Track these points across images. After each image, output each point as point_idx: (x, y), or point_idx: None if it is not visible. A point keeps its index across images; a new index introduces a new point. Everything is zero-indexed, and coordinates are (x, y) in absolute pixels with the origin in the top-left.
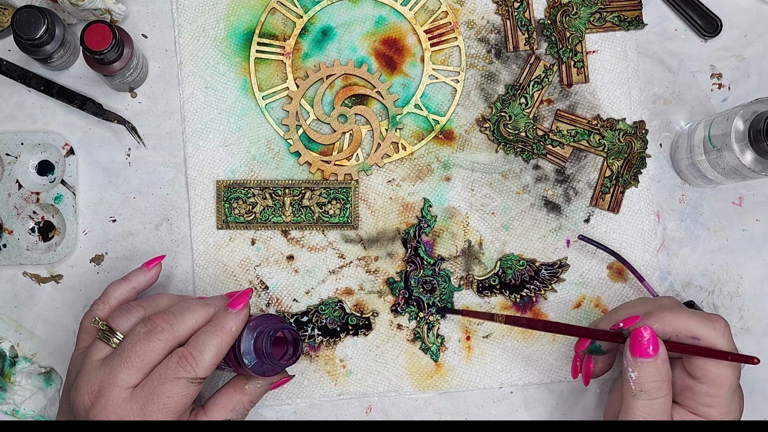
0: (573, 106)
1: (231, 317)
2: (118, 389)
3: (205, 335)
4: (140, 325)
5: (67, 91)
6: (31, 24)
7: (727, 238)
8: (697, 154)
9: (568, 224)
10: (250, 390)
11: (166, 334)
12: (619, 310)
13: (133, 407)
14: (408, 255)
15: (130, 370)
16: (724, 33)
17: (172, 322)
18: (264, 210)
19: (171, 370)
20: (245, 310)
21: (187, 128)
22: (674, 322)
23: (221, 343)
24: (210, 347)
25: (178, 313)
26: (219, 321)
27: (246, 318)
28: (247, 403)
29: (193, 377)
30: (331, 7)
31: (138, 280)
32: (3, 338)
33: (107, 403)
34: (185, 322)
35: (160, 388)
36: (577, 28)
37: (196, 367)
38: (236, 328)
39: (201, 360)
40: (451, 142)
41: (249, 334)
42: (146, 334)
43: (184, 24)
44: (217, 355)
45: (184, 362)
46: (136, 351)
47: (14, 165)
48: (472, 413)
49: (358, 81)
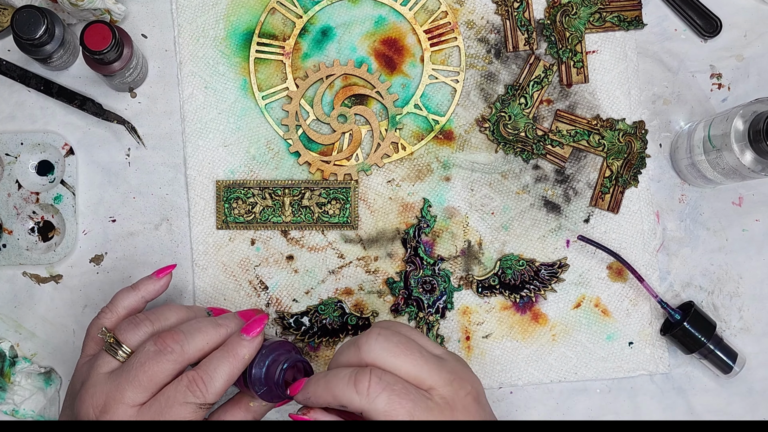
0: (573, 106)
1: (245, 344)
2: (124, 407)
3: (217, 360)
4: (150, 343)
5: (67, 91)
6: (31, 24)
7: (726, 238)
8: (697, 154)
9: (568, 224)
10: (254, 408)
11: (175, 356)
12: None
13: None
14: (408, 255)
15: (138, 389)
16: (724, 33)
17: (182, 343)
18: (264, 210)
19: (180, 394)
20: (260, 337)
21: (186, 128)
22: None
23: (233, 370)
24: (221, 374)
25: (188, 333)
26: (232, 347)
27: (260, 345)
28: (250, 419)
29: (202, 403)
30: (331, 7)
31: (147, 290)
32: (3, 338)
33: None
34: (196, 344)
35: (168, 411)
36: (577, 28)
37: (206, 393)
38: (249, 356)
39: (211, 386)
40: (451, 142)
41: (261, 361)
42: (155, 354)
43: (184, 24)
44: (228, 382)
45: (194, 387)
46: (144, 371)
47: (14, 165)
48: None
49: (358, 81)
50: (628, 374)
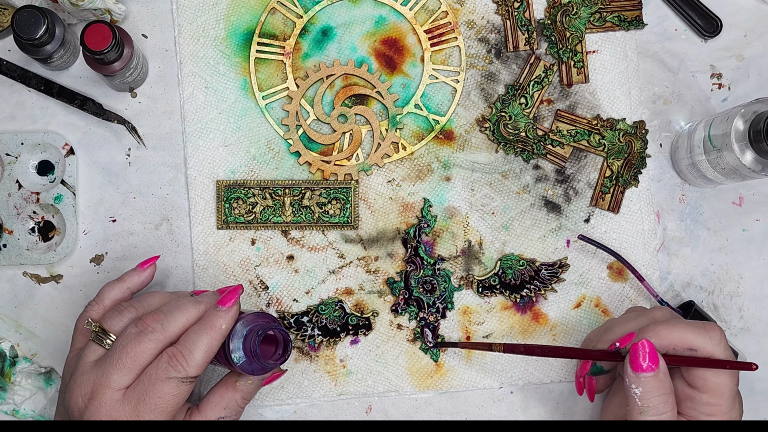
0: (573, 106)
1: (221, 315)
2: (111, 391)
3: (195, 334)
4: (131, 326)
5: (67, 91)
6: (31, 24)
7: (727, 238)
8: (697, 154)
9: (568, 224)
10: (241, 387)
11: (157, 334)
12: (612, 328)
13: (126, 408)
14: (408, 255)
15: (122, 372)
16: (724, 33)
17: (162, 322)
18: (264, 210)
19: (161, 371)
20: (235, 307)
21: (187, 128)
22: (670, 336)
23: (211, 341)
24: (200, 346)
25: (168, 312)
26: (209, 319)
27: (236, 315)
28: (240, 400)
29: (183, 377)
30: (331, 7)
31: (132, 281)
32: (3, 338)
33: (100, 404)
34: (176, 321)
35: (152, 389)
36: (577, 28)
37: (186, 366)
38: (226, 326)
39: (191, 359)
40: (451, 142)
41: (239, 333)
42: (137, 335)
43: (184, 24)
44: (208, 353)
45: (174, 362)
46: (127, 352)
47: (14, 165)
48: (472, 413)
49: (358, 81)
50: None
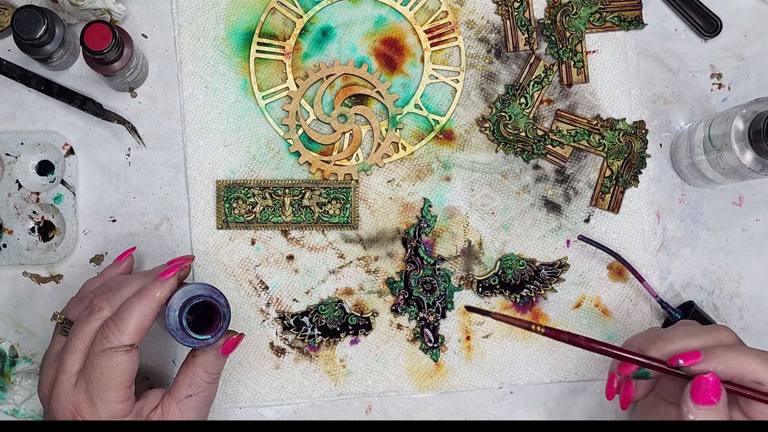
0: (573, 106)
1: (157, 284)
2: (67, 376)
3: (129, 302)
4: (83, 309)
5: (67, 91)
6: (31, 24)
7: (727, 238)
8: (697, 154)
9: (568, 224)
10: (200, 360)
11: (104, 312)
12: (673, 338)
13: (80, 391)
14: (408, 255)
15: (75, 355)
16: (724, 33)
17: (110, 300)
18: (264, 210)
19: (97, 344)
20: (173, 278)
21: (187, 128)
22: (739, 366)
23: (144, 308)
24: (132, 312)
25: (115, 289)
26: (145, 288)
27: (173, 285)
28: (202, 374)
29: (116, 345)
30: (331, 7)
31: (110, 275)
32: (3, 338)
33: (59, 391)
34: (122, 297)
35: (92, 366)
36: (577, 28)
37: (118, 335)
38: (161, 294)
39: (122, 326)
40: (451, 142)
41: (175, 304)
42: (86, 317)
43: (184, 24)
44: (140, 321)
45: (107, 332)
46: (76, 335)
47: (14, 165)
48: (472, 413)
49: (358, 81)
50: None
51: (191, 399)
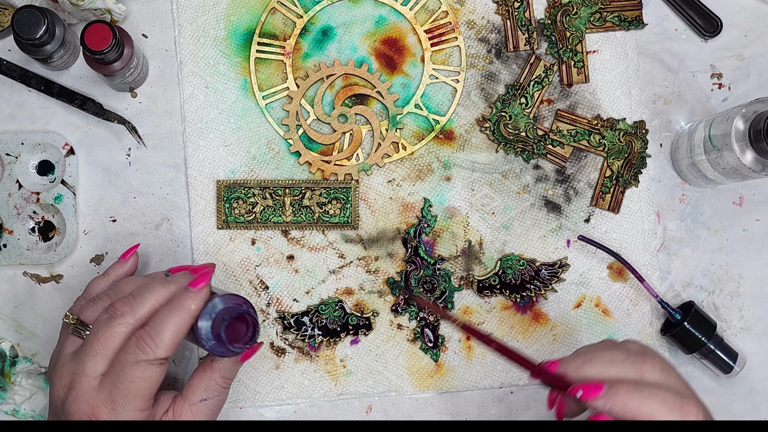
0: (573, 106)
1: (190, 296)
2: (87, 378)
3: (163, 315)
4: (103, 313)
5: (67, 91)
6: (31, 24)
7: (727, 238)
8: (698, 154)
9: (569, 224)
10: (218, 366)
11: (126, 318)
12: (594, 360)
13: (102, 395)
14: (408, 255)
15: (96, 358)
16: (724, 33)
17: (132, 305)
18: (264, 210)
19: (130, 354)
20: (206, 288)
21: (187, 128)
22: (636, 410)
23: (180, 321)
24: (168, 327)
25: (138, 295)
26: (178, 300)
27: (206, 296)
28: (219, 379)
29: (152, 359)
30: (332, 7)
31: (116, 273)
32: (3, 338)
33: (78, 393)
34: (145, 303)
35: (122, 373)
36: (577, 28)
37: (154, 348)
38: (195, 307)
39: (159, 340)
40: (452, 142)
41: (208, 314)
42: (107, 321)
43: (184, 24)
44: (176, 334)
45: (142, 344)
46: (98, 339)
47: (14, 165)
48: (472, 413)
49: (359, 81)
50: None
51: (205, 403)
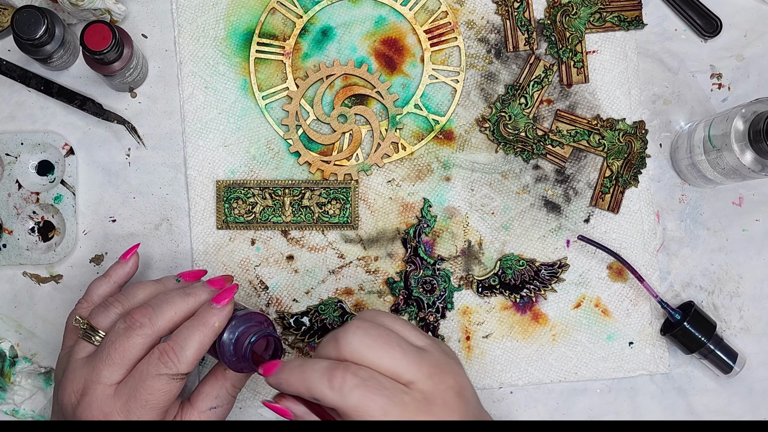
0: (573, 106)
1: (215, 313)
2: (102, 386)
3: (188, 330)
4: (120, 322)
5: (67, 91)
6: (31, 24)
7: (727, 238)
8: (697, 154)
9: (568, 224)
10: (230, 375)
11: (145, 329)
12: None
13: (117, 404)
14: (408, 255)
15: (112, 367)
16: (724, 33)
17: (150, 316)
18: (264, 210)
19: (152, 367)
20: (230, 305)
21: (187, 128)
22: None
23: (203, 338)
24: (192, 343)
25: (156, 306)
26: (202, 316)
27: (230, 313)
28: (230, 388)
29: (174, 373)
30: (331, 7)
31: (118, 274)
32: (3, 338)
33: (92, 400)
34: (164, 315)
35: (142, 385)
36: (577, 28)
37: (177, 363)
38: (219, 324)
39: (183, 356)
40: (451, 142)
41: (231, 331)
42: (125, 330)
43: (184, 24)
44: (199, 351)
45: (165, 358)
46: (116, 348)
47: (14, 165)
48: None
49: (358, 81)
50: (628, 374)
51: (215, 411)
